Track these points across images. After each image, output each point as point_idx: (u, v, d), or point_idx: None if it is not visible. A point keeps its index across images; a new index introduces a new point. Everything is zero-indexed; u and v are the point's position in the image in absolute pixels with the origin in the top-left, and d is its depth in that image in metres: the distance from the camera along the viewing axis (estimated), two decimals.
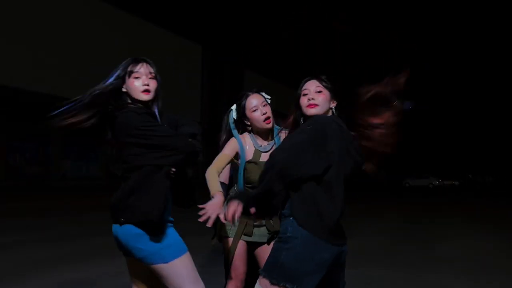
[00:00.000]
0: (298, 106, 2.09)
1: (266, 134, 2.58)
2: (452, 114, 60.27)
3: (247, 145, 2.55)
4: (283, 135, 2.46)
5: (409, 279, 4.52)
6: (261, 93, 2.60)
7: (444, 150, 58.42)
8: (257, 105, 2.51)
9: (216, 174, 2.39)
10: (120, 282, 4.11)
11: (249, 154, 2.54)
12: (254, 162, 2.52)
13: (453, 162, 56.23)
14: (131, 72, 2.03)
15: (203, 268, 4.68)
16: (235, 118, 2.62)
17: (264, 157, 2.47)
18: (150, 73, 2.05)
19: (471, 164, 56.58)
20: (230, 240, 2.55)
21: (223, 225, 2.51)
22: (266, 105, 2.54)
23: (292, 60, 41.18)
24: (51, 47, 21.80)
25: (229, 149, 2.52)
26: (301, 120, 2.10)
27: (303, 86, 2.11)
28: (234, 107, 2.63)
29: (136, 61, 2.05)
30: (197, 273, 2.08)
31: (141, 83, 2.02)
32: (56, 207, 11.88)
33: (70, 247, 5.94)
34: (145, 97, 2.04)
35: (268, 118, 2.50)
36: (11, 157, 21.37)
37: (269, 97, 2.62)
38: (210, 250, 5.17)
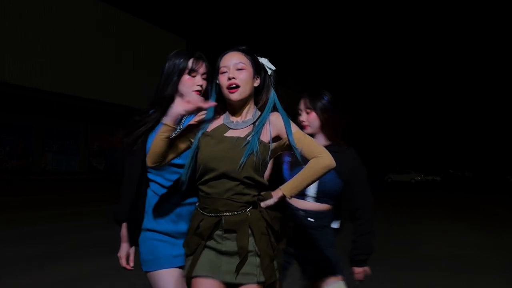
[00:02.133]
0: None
1: (240, 110, 1.70)
2: (435, 112, 61.31)
3: (216, 118, 1.75)
4: (274, 119, 1.68)
5: (395, 278, 4.57)
6: (261, 59, 1.75)
7: (426, 146, 59.49)
8: (228, 66, 1.66)
9: None
10: (106, 281, 4.20)
11: (211, 127, 1.73)
12: (209, 135, 1.67)
13: (435, 158, 57.40)
14: (192, 70, 1.91)
15: None
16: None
17: (231, 133, 1.66)
18: (204, 73, 1.94)
19: (451, 160, 57.84)
20: (197, 280, 1.61)
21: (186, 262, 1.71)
22: (243, 69, 1.65)
23: (277, 53, 41.26)
24: (34, 40, 21.47)
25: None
26: None
27: None
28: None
29: (197, 59, 1.93)
30: None
31: (194, 82, 1.91)
32: (38, 201, 11.78)
33: (57, 244, 5.97)
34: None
35: (234, 86, 1.63)
36: None
37: (272, 68, 1.74)
38: None
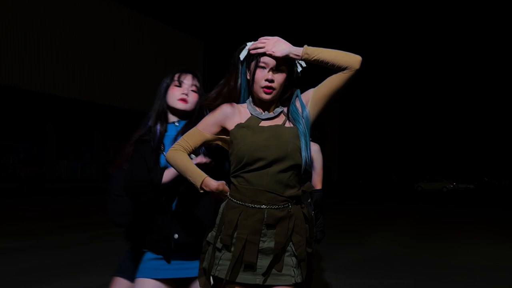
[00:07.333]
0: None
1: (266, 106, 1.83)
2: (468, 116, 60.37)
3: (239, 111, 1.84)
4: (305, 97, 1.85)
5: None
6: (299, 61, 1.85)
7: (459, 152, 58.52)
8: (268, 64, 1.76)
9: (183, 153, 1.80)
10: None
11: (241, 120, 1.82)
12: (244, 127, 1.78)
13: (469, 165, 56.38)
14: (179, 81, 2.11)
15: None
16: (242, 59, 1.84)
17: (265, 123, 1.79)
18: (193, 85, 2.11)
19: (486, 167, 56.70)
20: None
21: (212, 260, 1.75)
22: (281, 73, 1.78)
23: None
24: (46, 44, 21.98)
25: (211, 119, 1.83)
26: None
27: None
28: (249, 44, 1.84)
29: (185, 72, 2.14)
30: None
31: (180, 91, 2.08)
32: (53, 210, 11.99)
33: (71, 254, 6.07)
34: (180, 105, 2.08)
35: (270, 88, 1.76)
36: (4, 158, 21.56)
37: (303, 65, 1.86)
38: None
